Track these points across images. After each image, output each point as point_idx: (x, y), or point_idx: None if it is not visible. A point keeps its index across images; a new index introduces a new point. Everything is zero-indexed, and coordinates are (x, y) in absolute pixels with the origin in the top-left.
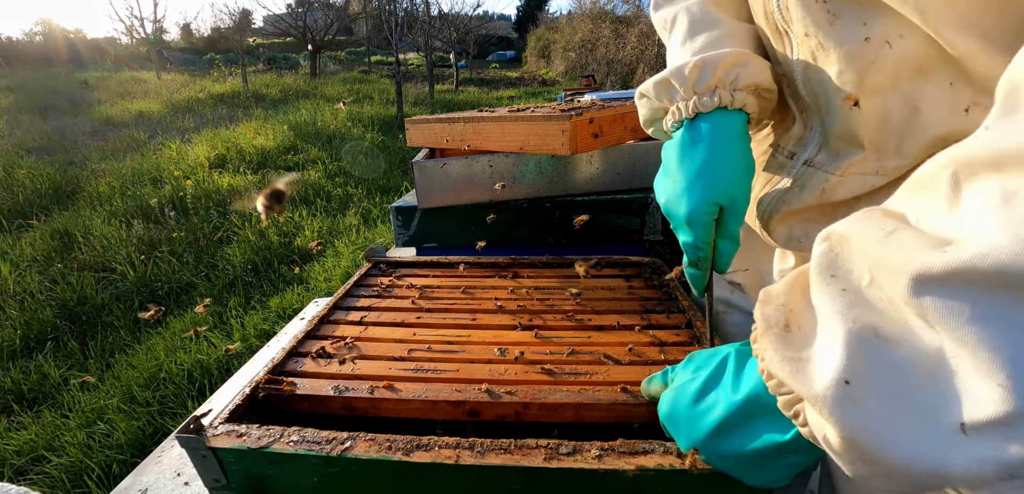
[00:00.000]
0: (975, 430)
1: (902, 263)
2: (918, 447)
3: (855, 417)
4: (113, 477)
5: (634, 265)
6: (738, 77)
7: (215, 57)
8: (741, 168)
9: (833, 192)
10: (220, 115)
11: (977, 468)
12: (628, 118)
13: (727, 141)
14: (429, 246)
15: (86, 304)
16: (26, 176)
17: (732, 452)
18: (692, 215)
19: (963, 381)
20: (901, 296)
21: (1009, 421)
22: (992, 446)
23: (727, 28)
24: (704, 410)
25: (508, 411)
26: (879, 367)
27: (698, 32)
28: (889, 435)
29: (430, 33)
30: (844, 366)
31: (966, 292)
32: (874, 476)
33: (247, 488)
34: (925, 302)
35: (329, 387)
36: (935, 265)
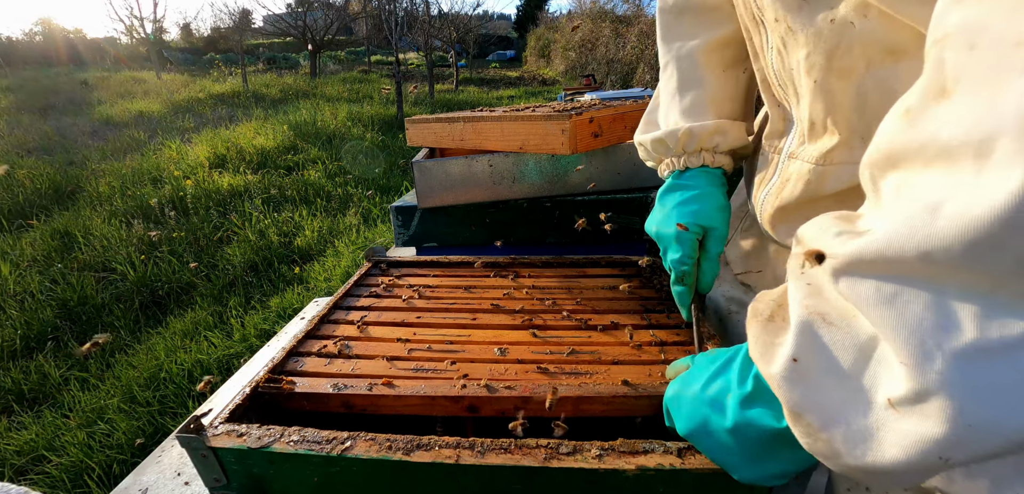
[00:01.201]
0: (899, 405)
1: (829, 247)
2: (853, 420)
3: (800, 392)
4: (113, 477)
5: (634, 265)
6: (718, 144)
7: (215, 57)
8: (719, 204)
9: (820, 184)
10: (220, 115)
11: (906, 446)
12: (628, 118)
13: (708, 186)
14: (429, 246)
15: (86, 304)
16: (26, 176)
17: (729, 441)
18: (679, 233)
19: (887, 357)
20: (828, 280)
21: (917, 398)
22: (914, 422)
23: (710, 89)
24: (709, 397)
25: (507, 406)
26: (822, 348)
27: (686, 90)
28: (830, 410)
29: (430, 33)
30: (794, 347)
31: (865, 278)
32: (830, 456)
33: (247, 488)
34: (841, 287)
35: (328, 385)
36: (843, 248)
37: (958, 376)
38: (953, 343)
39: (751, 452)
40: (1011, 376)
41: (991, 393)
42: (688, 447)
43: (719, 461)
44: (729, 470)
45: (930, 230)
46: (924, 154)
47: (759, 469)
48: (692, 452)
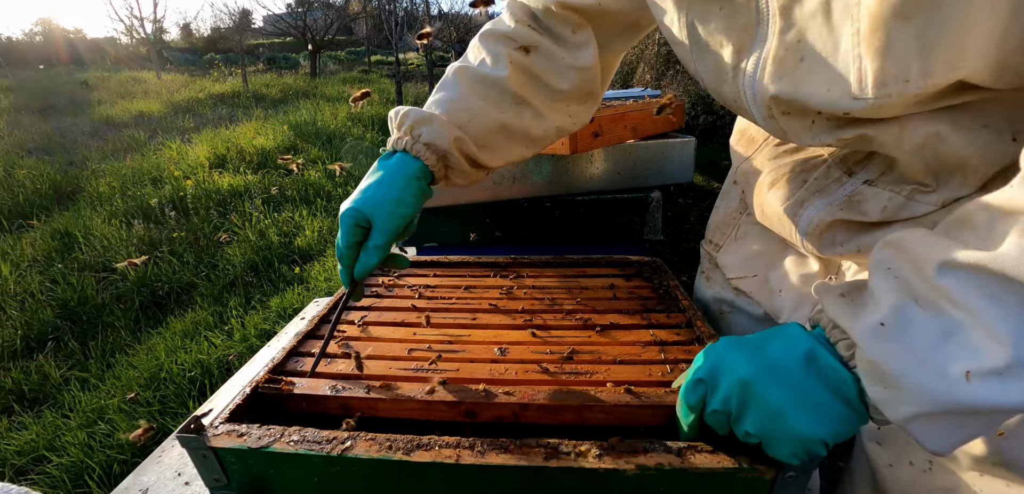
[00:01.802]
0: (978, 376)
1: (937, 255)
2: (929, 381)
3: (881, 348)
4: (114, 477)
5: (634, 265)
6: (421, 134)
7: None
8: (395, 197)
9: (895, 210)
10: (220, 115)
11: (976, 402)
12: (628, 117)
13: (396, 176)
14: (429, 246)
15: (86, 304)
16: (26, 176)
17: (799, 374)
18: (341, 216)
19: (969, 341)
20: (933, 274)
21: (1005, 371)
22: (989, 389)
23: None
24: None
25: (506, 412)
26: (909, 320)
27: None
28: (906, 365)
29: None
30: (883, 314)
31: (979, 278)
32: (892, 402)
33: (248, 488)
34: (949, 281)
35: (326, 387)
36: (959, 256)
37: None
38: None
39: (815, 391)
40: None
41: None
42: (688, 447)
43: (777, 402)
44: (788, 418)
45: None
46: None
47: (811, 419)
48: (692, 452)
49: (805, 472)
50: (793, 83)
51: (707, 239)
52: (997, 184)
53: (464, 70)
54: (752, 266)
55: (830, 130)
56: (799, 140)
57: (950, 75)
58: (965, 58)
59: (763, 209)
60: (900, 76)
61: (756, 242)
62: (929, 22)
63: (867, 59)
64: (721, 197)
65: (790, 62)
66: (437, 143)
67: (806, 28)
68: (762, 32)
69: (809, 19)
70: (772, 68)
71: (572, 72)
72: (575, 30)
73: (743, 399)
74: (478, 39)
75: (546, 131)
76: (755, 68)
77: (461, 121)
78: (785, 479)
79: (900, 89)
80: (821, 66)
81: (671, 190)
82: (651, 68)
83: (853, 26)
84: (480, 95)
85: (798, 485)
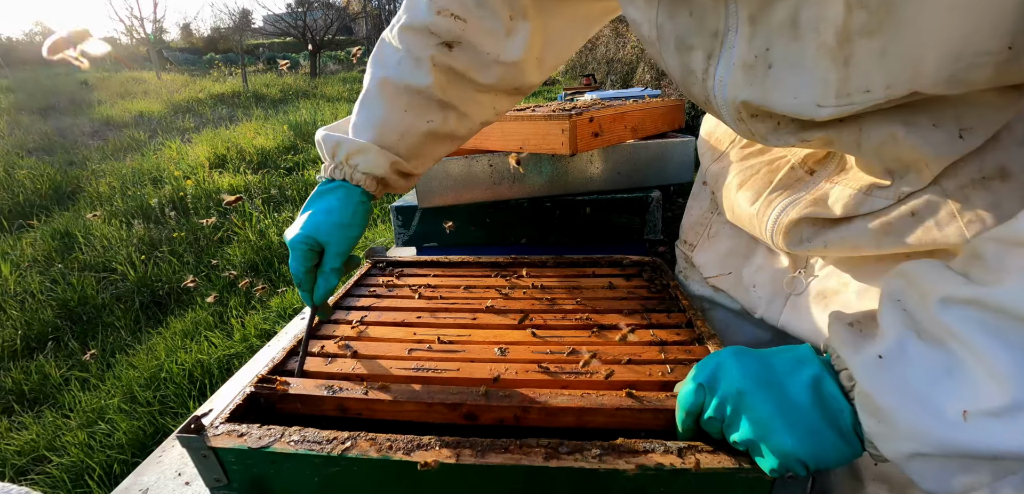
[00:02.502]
0: (975, 417)
1: (941, 288)
2: (921, 418)
3: (876, 379)
4: (114, 477)
5: (634, 264)
6: (358, 165)
7: (215, 57)
8: (341, 221)
9: (856, 206)
10: (220, 115)
11: (973, 445)
12: (628, 117)
13: (340, 201)
14: (429, 246)
15: (86, 304)
16: (26, 176)
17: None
18: (293, 241)
19: (968, 379)
20: (935, 308)
21: (1003, 412)
22: (988, 431)
23: (383, 115)
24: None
25: (507, 414)
26: (908, 354)
27: (362, 108)
28: (899, 399)
29: None
30: (883, 347)
31: (980, 314)
32: (887, 437)
33: (248, 488)
34: (950, 316)
35: (322, 388)
36: (960, 292)
37: None
38: None
39: (809, 414)
40: None
41: None
42: (688, 447)
43: (766, 415)
44: (773, 432)
45: None
46: None
47: (797, 439)
48: (692, 452)
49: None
50: (762, 90)
51: (682, 239)
52: (948, 177)
53: (386, 82)
54: (726, 264)
55: (795, 132)
56: (765, 141)
57: (909, 87)
58: (923, 73)
59: (733, 209)
60: (862, 87)
61: (728, 240)
62: (891, 39)
63: (832, 70)
64: (692, 198)
65: (759, 70)
66: (375, 172)
67: (774, 38)
68: (730, 39)
69: (777, 29)
70: (741, 75)
71: (497, 67)
72: (512, 17)
73: (737, 408)
74: (397, 33)
75: (471, 128)
76: (725, 73)
77: (391, 142)
78: (785, 479)
79: (862, 99)
80: (788, 75)
81: (671, 190)
82: (651, 68)
83: (818, 38)
84: (404, 107)
85: (798, 485)
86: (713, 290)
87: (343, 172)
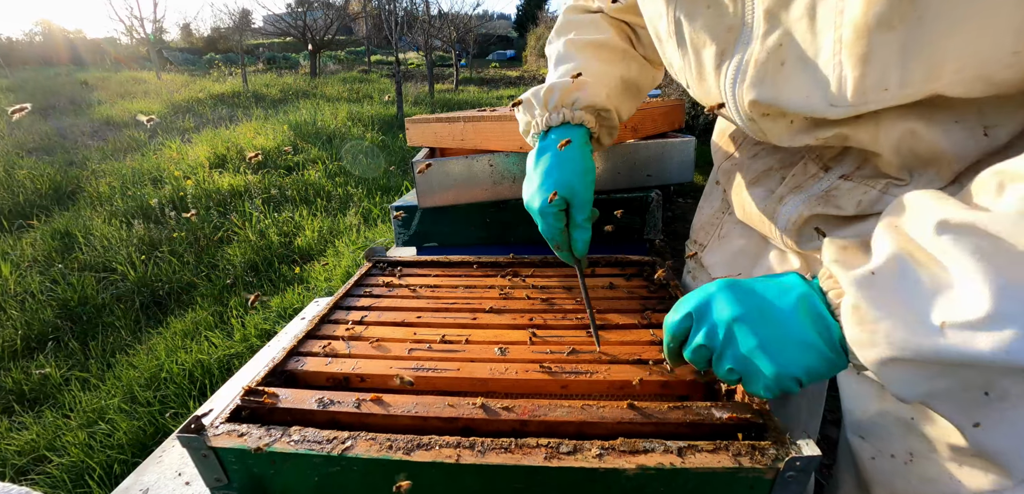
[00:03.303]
0: (952, 327)
1: (939, 213)
2: (903, 328)
3: (866, 292)
4: (114, 477)
5: (634, 264)
6: (577, 100)
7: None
8: (580, 168)
9: (870, 204)
10: (220, 115)
11: (944, 350)
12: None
13: (571, 147)
14: (429, 246)
15: (87, 304)
16: (26, 176)
17: (787, 311)
18: (543, 207)
19: (954, 295)
20: (931, 231)
21: (978, 322)
22: (960, 338)
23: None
24: (765, 284)
25: (505, 427)
26: (898, 271)
27: (560, 65)
28: (885, 311)
29: (430, 32)
30: (876, 262)
31: (973, 237)
32: (866, 344)
33: (248, 487)
34: (945, 238)
35: (313, 401)
36: (956, 216)
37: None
38: None
39: (800, 329)
40: None
41: None
42: (688, 446)
43: (760, 339)
44: (769, 352)
45: None
46: None
47: (789, 356)
48: (693, 451)
49: (805, 472)
50: (773, 87)
51: (692, 238)
52: (970, 177)
53: (573, 41)
54: (735, 265)
55: (808, 130)
56: (779, 141)
57: (927, 87)
58: (943, 72)
59: (744, 207)
60: (879, 85)
61: (739, 240)
62: (912, 35)
63: (848, 67)
64: (704, 197)
65: (771, 66)
66: (595, 103)
67: (790, 33)
68: (746, 35)
69: (793, 24)
70: (753, 72)
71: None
72: None
73: (728, 336)
74: (564, 15)
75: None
76: (737, 71)
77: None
78: (785, 479)
79: (878, 97)
80: (802, 71)
81: (671, 190)
82: None
83: (835, 33)
84: (597, 56)
85: (798, 485)
86: None
87: (561, 115)
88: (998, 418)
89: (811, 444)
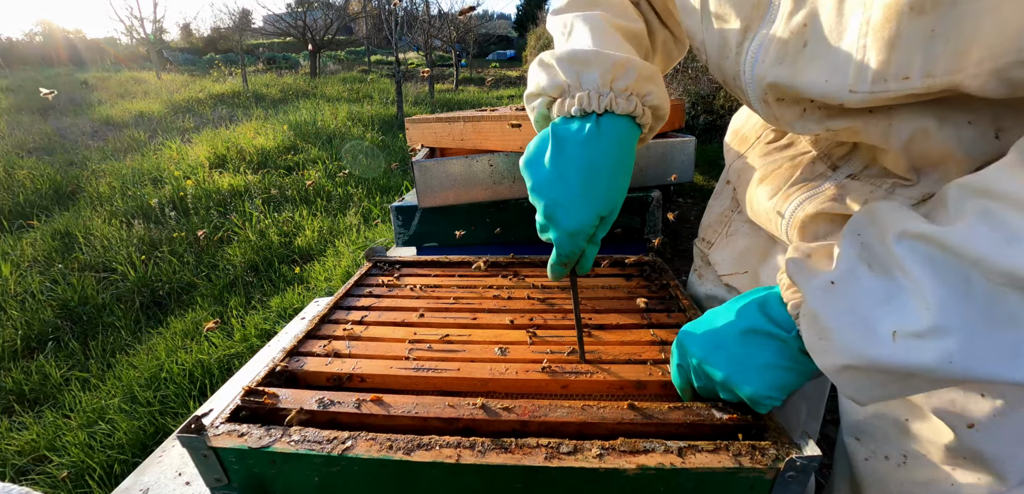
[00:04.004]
0: (902, 337)
1: (899, 222)
2: (857, 336)
3: (824, 301)
4: (115, 477)
5: (634, 264)
6: (650, 93)
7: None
8: (625, 182)
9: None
10: (220, 115)
11: (892, 360)
12: None
13: (626, 150)
14: (429, 246)
15: (87, 304)
16: (26, 176)
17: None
18: (582, 228)
19: (905, 306)
20: (890, 241)
21: (925, 333)
22: (907, 349)
23: (629, 49)
24: (726, 314)
25: (505, 428)
26: (858, 281)
27: (598, 38)
28: (842, 320)
29: (430, 32)
30: (837, 272)
31: (927, 248)
32: (822, 351)
33: (248, 487)
34: (901, 249)
35: (314, 401)
36: (915, 227)
37: (966, 331)
38: (971, 310)
39: (756, 356)
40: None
41: (984, 349)
42: (689, 446)
43: (724, 373)
44: (737, 385)
45: (999, 250)
46: (1018, 203)
47: (755, 381)
48: (693, 451)
49: (805, 472)
50: (793, 69)
51: (700, 237)
52: None
53: (608, 20)
54: (743, 263)
55: (820, 119)
56: (789, 127)
57: (948, 79)
58: (966, 62)
59: (752, 205)
60: (900, 73)
61: (746, 239)
62: (943, 19)
63: (872, 50)
64: (714, 196)
65: (793, 46)
66: (662, 105)
67: (815, 13)
68: (771, 13)
69: (821, 4)
70: (775, 51)
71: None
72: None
73: (706, 375)
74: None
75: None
76: (759, 49)
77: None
78: (785, 479)
79: (898, 86)
80: (823, 54)
81: (671, 190)
82: None
83: (864, 14)
84: (639, 48)
85: (798, 485)
86: (727, 290)
87: (632, 104)
88: (992, 420)
89: (811, 444)
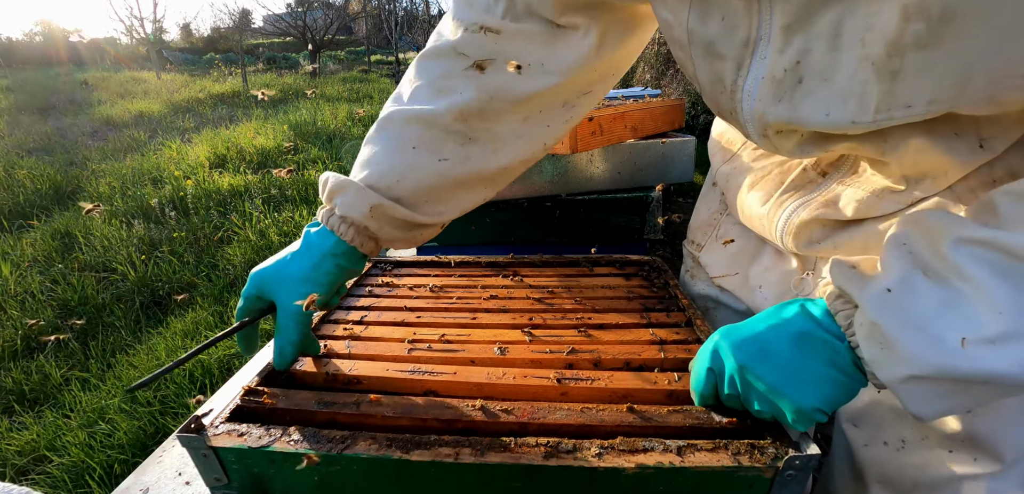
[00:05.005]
0: (973, 343)
1: (953, 229)
2: (924, 345)
3: (885, 311)
4: (115, 477)
5: (634, 264)
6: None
7: (215, 57)
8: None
9: (868, 208)
10: (220, 115)
11: (967, 368)
12: (628, 117)
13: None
14: (429, 245)
15: (87, 304)
16: (26, 176)
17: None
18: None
19: (971, 312)
20: (946, 248)
21: (998, 339)
22: (981, 355)
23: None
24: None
25: (504, 429)
26: (916, 289)
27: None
28: (905, 330)
29: (430, 32)
30: (891, 280)
31: (990, 254)
32: (886, 363)
33: (248, 487)
34: (960, 255)
35: (313, 402)
36: (974, 233)
37: None
38: None
39: (807, 366)
40: None
41: None
42: (688, 445)
43: (771, 382)
44: (782, 398)
45: None
46: None
47: (806, 392)
48: (692, 451)
49: (805, 471)
50: (791, 106)
51: (689, 239)
52: (962, 186)
53: (389, 119)
54: (733, 265)
55: (818, 144)
56: (789, 155)
57: (952, 104)
58: (969, 92)
59: (744, 210)
60: (904, 103)
61: (736, 241)
62: (947, 52)
63: (874, 84)
64: (701, 199)
65: (788, 83)
66: (350, 215)
67: (808, 51)
68: (762, 50)
69: (813, 41)
70: (769, 89)
71: (543, 76)
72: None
73: (744, 383)
74: (415, 65)
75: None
76: (753, 86)
77: (387, 183)
78: (785, 478)
79: (902, 114)
80: (821, 89)
81: (671, 190)
82: (651, 68)
83: (862, 51)
84: (413, 142)
85: (798, 484)
86: (718, 290)
87: (322, 215)
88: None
89: (811, 443)
